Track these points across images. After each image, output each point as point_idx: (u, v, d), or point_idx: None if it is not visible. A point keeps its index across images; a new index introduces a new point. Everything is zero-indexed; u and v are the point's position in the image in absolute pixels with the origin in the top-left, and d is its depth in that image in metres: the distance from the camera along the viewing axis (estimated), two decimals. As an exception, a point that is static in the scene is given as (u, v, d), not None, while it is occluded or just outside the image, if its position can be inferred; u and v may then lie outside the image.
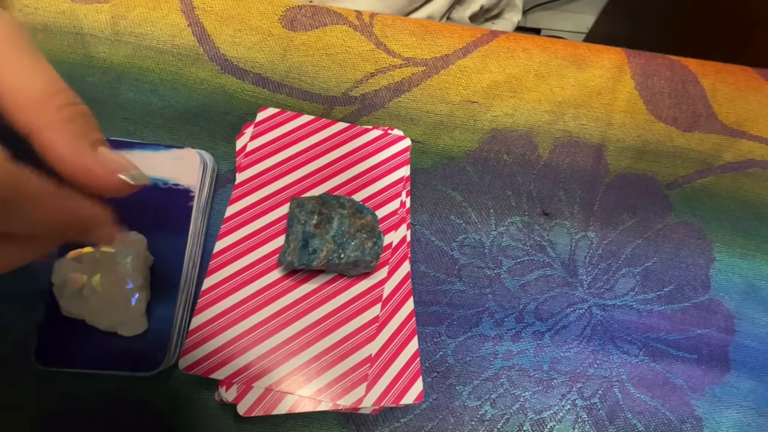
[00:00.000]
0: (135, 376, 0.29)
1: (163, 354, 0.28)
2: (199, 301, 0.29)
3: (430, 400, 0.31)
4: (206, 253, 0.32)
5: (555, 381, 0.32)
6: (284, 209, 0.31)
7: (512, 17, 0.63)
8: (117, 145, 0.31)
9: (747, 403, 0.33)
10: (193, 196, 0.31)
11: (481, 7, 0.57)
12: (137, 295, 0.27)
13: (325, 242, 0.28)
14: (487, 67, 0.38)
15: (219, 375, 0.27)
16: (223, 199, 0.33)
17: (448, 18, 0.55)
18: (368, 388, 0.27)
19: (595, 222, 0.35)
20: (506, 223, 0.34)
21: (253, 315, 0.28)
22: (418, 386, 0.28)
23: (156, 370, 0.28)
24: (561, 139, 0.37)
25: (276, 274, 0.29)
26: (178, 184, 0.31)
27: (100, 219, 0.21)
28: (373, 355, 0.28)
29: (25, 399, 0.29)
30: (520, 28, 0.64)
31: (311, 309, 0.29)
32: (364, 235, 0.29)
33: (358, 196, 0.31)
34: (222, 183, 0.34)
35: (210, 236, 0.32)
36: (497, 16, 0.63)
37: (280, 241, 0.30)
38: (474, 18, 0.58)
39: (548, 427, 0.31)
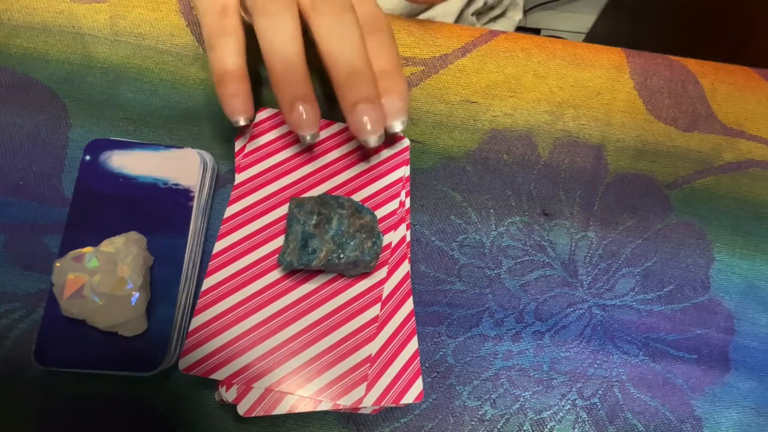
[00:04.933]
0: (135, 376, 0.29)
1: (163, 354, 0.28)
2: (198, 301, 0.29)
3: (430, 400, 0.31)
4: (206, 254, 0.32)
5: (555, 381, 0.32)
6: (284, 210, 0.31)
7: (514, 16, 0.63)
8: (117, 145, 0.31)
9: (747, 403, 0.33)
10: (193, 196, 0.31)
11: (485, 3, 0.57)
12: (137, 295, 0.27)
13: (324, 242, 0.28)
14: (486, 66, 0.38)
15: (219, 375, 0.27)
16: (223, 199, 0.33)
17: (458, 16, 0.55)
18: (368, 388, 0.27)
19: (595, 222, 0.35)
20: (506, 223, 0.35)
21: (252, 315, 0.28)
22: (418, 386, 0.28)
23: (156, 371, 0.28)
24: (561, 139, 0.37)
25: (275, 275, 0.29)
26: (178, 184, 0.31)
27: None
28: (372, 355, 0.28)
29: (25, 399, 0.29)
30: (520, 28, 0.65)
31: (311, 309, 0.29)
32: (364, 235, 0.29)
33: (358, 197, 0.31)
34: (222, 183, 0.34)
35: (210, 236, 0.32)
36: (501, 15, 0.63)
37: (279, 241, 0.30)
38: (478, 15, 0.58)
39: (548, 427, 0.31)
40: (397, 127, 0.30)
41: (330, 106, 0.35)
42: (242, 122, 0.29)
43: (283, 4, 0.28)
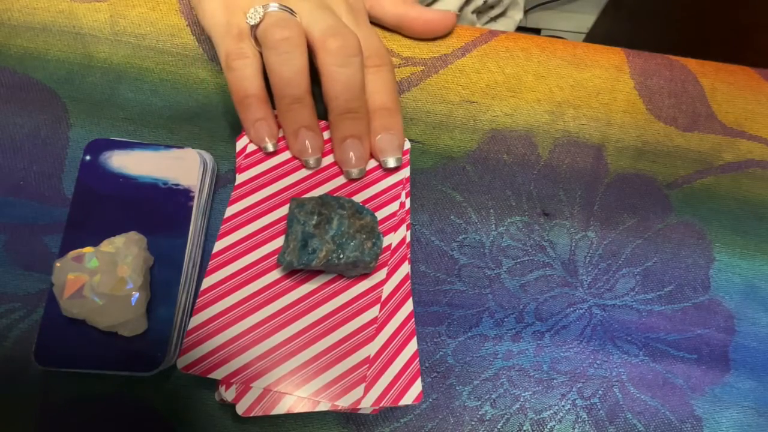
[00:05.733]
0: (135, 376, 0.29)
1: (163, 354, 0.28)
2: (198, 300, 0.29)
3: (430, 400, 0.31)
4: (206, 254, 0.32)
5: (555, 381, 0.32)
6: (284, 210, 0.31)
7: (515, 15, 0.63)
8: (117, 145, 0.31)
9: (747, 403, 0.33)
10: (193, 196, 0.31)
11: (485, 2, 0.57)
12: (137, 295, 0.27)
13: (324, 242, 0.28)
14: (486, 66, 0.38)
15: (217, 375, 0.27)
16: (223, 199, 0.33)
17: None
18: (367, 389, 0.27)
19: (595, 222, 0.35)
20: (506, 223, 0.35)
21: (252, 315, 0.28)
22: (417, 387, 0.28)
23: (156, 370, 0.28)
24: (561, 139, 0.37)
25: (275, 275, 0.29)
26: (178, 184, 0.31)
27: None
28: (371, 356, 0.28)
29: (25, 399, 0.29)
30: (520, 28, 0.64)
31: (310, 309, 0.29)
32: (364, 236, 0.29)
33: (358, 198, 0.31)
34: (222, 183, 0.34)
35: (210, 236, 0.32)
36: (502, 14, 0.63)
37: (279, 241, 0.30)
38: (478, 14, 0.58)
39: (548, 427, 0.31)
40: (391, 163, 0.32)
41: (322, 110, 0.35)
42: (271, 148, 0.31)
43: (294, 43, 0.29)
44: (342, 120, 0.31)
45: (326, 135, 0.33)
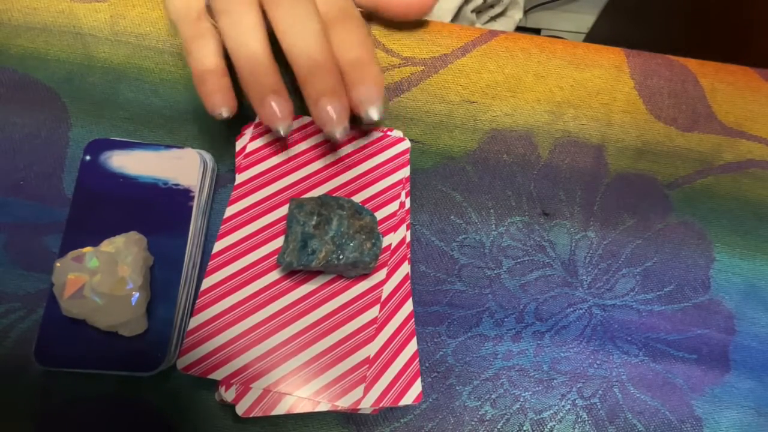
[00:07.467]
0: (135, 376, 0.29)
1: (163, 354, 0.28)
2: (197, 301, 0.29)
3: (430, 400, 0.31)
4: (206, 254, 0.32)
5: (555, 381, 0.32)
6: (284, 210, 0.31)
7: (514, 14, 0.63)
8: (117, 145, 0.31)
9: (747, 403, 0.33)
10: (193, 196, 0.31)
11: (485, 1, 0.57)
12: (137, 295, 0.27)
13: (324, 243, 0.28)
14: (486, 66, 0.38)
15: (217, 375, 0.27)
16: (223, 199, 0.33)
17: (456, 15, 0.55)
18: (367, 390, 0.27)
19: (595, 222, 0.35)
20: (506, 223, 0.35)
21: (251, 315, 0.28)
22: (417, 387, 0.28)
23: (156, 370, 0.28)
24: (561, 139, 0.37)
25: (275, 275, 0.29)
26: (178, 184, 0.31)
27: None
28: (371, 356, 0.28)
29: (25, 399, 0.29)
30: (520, 28, 0.64)
31: (310, 310, 0.29)
32: (363, 236, 0.29)
33: (358, 198, 0.31)
34: (222, 183, 0.34)
35: (210, 236, 0.32)
36: (501, 14, 0.63)
37: (279, 242, 0.30)
38: (477, 13, 0.58)
39: (548, 427, 0.31)
40: (374, 114, 0.29)
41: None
42: (225, 113, 0.29)
43: (243, 2, 0.28)
44: (310, 78, 0.28)
45: (324, 135, 0.33)
